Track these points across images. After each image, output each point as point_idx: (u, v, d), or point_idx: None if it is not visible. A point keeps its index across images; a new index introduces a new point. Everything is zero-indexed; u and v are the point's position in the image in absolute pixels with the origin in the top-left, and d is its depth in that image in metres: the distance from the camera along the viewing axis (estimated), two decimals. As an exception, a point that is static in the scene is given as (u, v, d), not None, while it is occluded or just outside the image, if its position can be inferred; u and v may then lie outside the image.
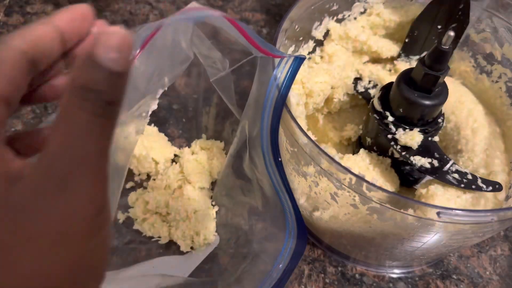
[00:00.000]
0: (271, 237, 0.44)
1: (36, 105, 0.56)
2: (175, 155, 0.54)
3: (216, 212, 0.50)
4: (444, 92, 0.39)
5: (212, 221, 0.49)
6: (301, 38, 0.48)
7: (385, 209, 0.33)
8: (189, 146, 0.54)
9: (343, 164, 0.42)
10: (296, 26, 0.45)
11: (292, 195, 0.40)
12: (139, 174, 0.53)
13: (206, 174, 0.51)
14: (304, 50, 0.49)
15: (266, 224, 0.45)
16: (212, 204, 0.50)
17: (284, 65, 0.36)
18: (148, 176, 0.53)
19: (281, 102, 0.35)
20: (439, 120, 0.41)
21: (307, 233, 0.41)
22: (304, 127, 0.39)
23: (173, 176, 0.50)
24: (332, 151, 0.50)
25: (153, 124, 0.55)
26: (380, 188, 0.32)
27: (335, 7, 0.48)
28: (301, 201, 0.43)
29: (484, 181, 0.38)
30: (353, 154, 0.43)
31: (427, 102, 0.38)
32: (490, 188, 0.38)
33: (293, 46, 0.47)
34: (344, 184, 0.34)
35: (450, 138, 0.46)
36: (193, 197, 0.48)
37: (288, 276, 0.41)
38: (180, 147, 0.54)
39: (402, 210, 0.33)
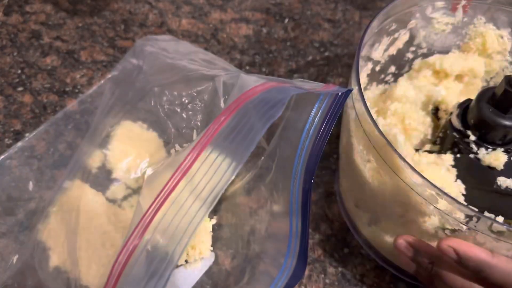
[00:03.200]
0: (270, 261, 0.42)
1: (36, 105, 0.55)
2: None
3: (214, 226, 0.47)
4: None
5: (208, 235, 0.46)
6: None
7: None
8: None
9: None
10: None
11: (307, 220, 0.38)
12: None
13: None
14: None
15: (266, 247, 0.43)
16: (209, 217, 0.47)
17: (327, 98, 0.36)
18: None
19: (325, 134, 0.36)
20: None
21: (307, 259, 0.38)
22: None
23: None
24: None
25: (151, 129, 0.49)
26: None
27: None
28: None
29: None
30: None
31: (507, 123, 0.36)
32: None
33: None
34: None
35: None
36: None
37: None
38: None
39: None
